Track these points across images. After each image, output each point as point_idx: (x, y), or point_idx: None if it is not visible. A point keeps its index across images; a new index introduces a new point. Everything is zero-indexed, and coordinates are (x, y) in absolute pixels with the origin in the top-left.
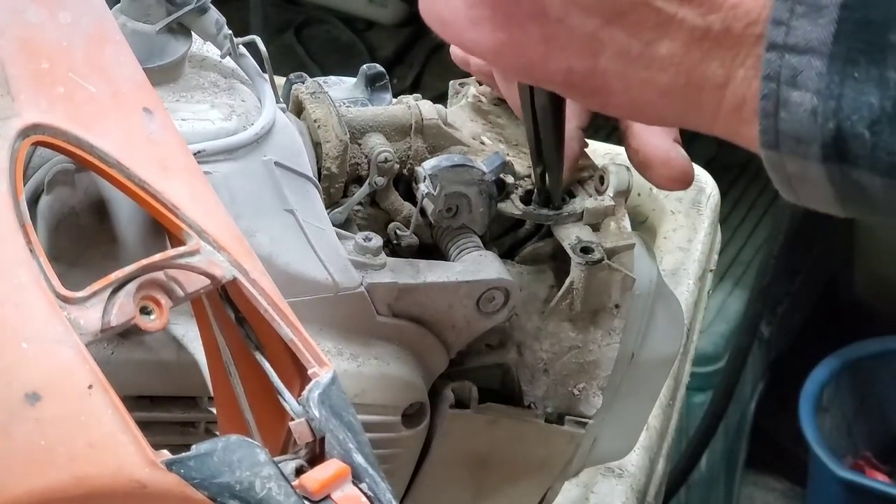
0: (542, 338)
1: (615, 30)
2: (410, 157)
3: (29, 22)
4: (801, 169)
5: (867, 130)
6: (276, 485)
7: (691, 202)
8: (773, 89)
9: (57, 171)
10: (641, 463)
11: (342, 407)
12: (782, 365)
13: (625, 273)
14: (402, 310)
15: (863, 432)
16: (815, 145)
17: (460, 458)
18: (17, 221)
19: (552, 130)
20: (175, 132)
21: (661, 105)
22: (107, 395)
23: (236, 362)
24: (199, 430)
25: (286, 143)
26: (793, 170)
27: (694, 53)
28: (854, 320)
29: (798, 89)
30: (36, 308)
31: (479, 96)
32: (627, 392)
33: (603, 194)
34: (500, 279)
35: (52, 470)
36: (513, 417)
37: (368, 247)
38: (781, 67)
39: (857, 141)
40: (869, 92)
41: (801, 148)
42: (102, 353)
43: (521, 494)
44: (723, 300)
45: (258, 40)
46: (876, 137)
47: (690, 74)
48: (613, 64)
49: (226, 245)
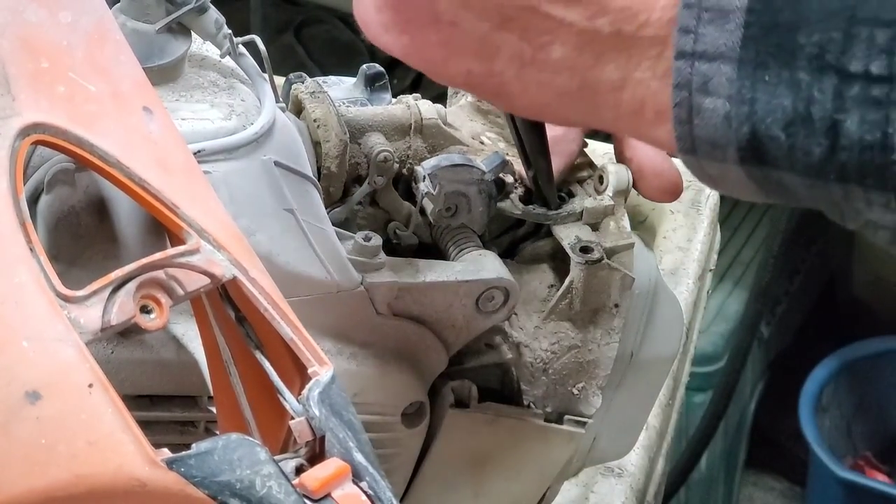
0: (541, 337)
1: (506, 34)
2: (410, 157)
3: (29, 21)
4: (721, 171)
5: (782, 133)
6: (276, 483)
7: (691, 202)
8: (686, 97)
9: (57, 170)
10: (641, 463)
11: (342, 406)
12: (782, 365)
13: (624, 272)
14: (401, 309)
15: (862, 432)
16: (731, 149)
17: (460, 457)
18: (17, 220)
19: (532, 133)
20: (175, 131)
21: (560, 106)
22: (107, 394)
23: (236, 361)
24: (199, 429)
25: (286, 142)
26: (712, 172)
27: (586, 56)
28: (853, 320)
29: (710, 96)
30: (36, 307)
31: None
32: (627, 392)
33: (602, 194)
34: (499, 278)
35: (52, 468)
36: (512, 417)
37: (368, 246)
38: (692, 75)
39: (774, 143)
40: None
41: (717, 152)
42: (102, 352)
43: (521, 494)
44: (723, 300)
45: (258, 40)
46: (792, 139)
47: (585, 77)
48: (509, 67)
49: (226, 244)
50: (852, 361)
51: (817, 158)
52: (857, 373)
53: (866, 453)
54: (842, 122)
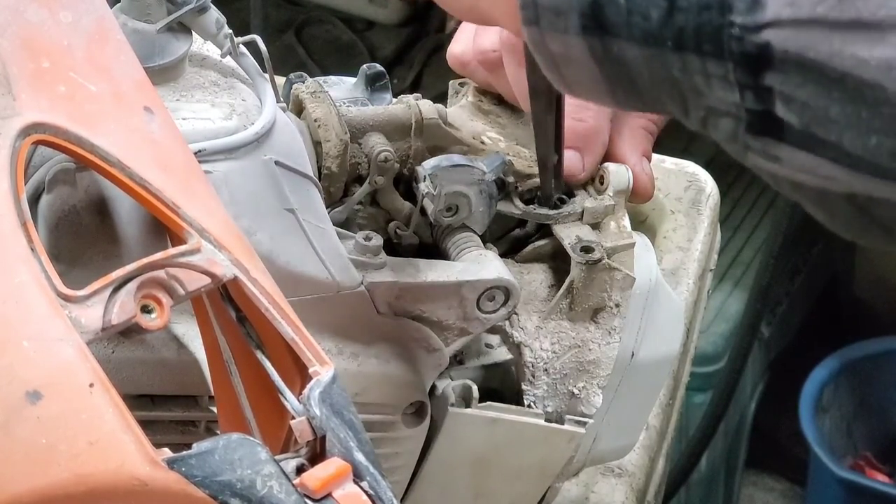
0: (542, 337)
1: None
2: (411, 157)
3: (30, 21)
4: (564, 46)
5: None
6: (277, 483)
7: (691, 202)
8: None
9: (58, 170)
10: (641, 462)
11: (343, 405)
12: (782, 365)
13: (625, 272)
14: (402, 309)
15: (862, 432)
16: (573, 15)
17: (460, 457)
18: (18, 220)
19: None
20: (176, 131)
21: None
22: (108, 394)
23: (237, 361)
24: (199, 429)
25: (286, 142)
26: (555, 48)
27: None
28: (854, 320)
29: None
30: (37, 307)
31: (479, 96)
32: (627, 391)
33: (603, 194)
34: (500, 278)
35: (53, 468)
36: (513, 417)
37: (369, 246)
38: None
39: (612, 7)
40: None
41: (560, 21)
42: (103, 352)
43: (521, 494)
44: (723, 300)
45: (258, 40)
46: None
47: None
48: None
49: (226, 244)
50: (853, 362)
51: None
52: (858, 373)
53: (866, 453)
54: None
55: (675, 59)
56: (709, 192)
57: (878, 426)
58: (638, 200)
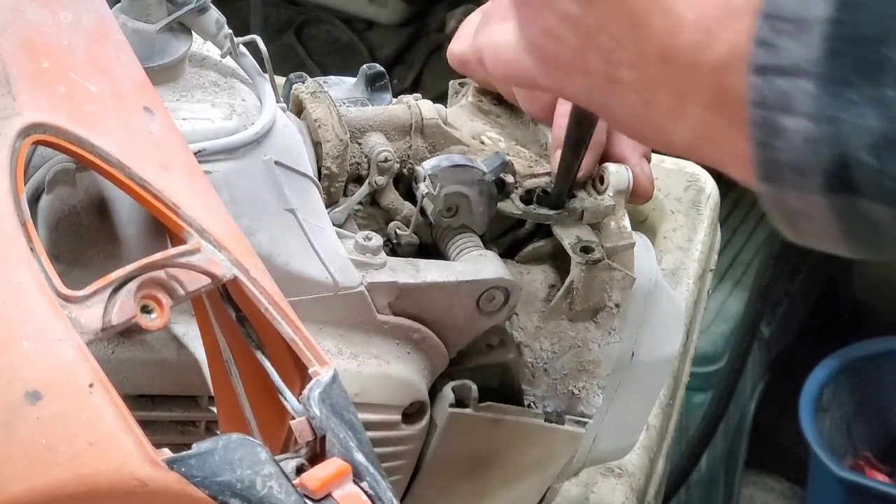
0: (542, 337)
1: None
2: (410, 157)
3: (30, 21)
4: (804, 203)
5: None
6: (276, 483)
7: (691, 202)
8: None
9: (58, 170)
10: (641, 462)
11: (343, 406)
12: (782, 365)
13: (625, 272)
14: (402, 309)
15: (862, 432)
16: (815, 175)
17: (460, 457)
18: (18, 220)
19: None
20: (176, 131)
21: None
22: (108, 394)
23: (237, 361)
24: (199, 429)
25: (286, 142)
26: (794, 204)
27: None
28: (854, 320)
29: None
30: (37, 307)
31: (479, 96)
32: (627, 391)
33: (602, 194)
34: (500, 279)
35: (53, 468)
36: (513, 417)
37: (368, 246)
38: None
39: (862, 168)
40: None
41: (800, 179)
42: (103, 352)
43: (521, 494)
44: (723, 300)
45: (258, 40)
46: (881, 164)
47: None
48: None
49: (226, 244)
50: (853, 362)
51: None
52: (858, 373)
53: (866, 453)
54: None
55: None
56: (709, 192)
57: (878, 426)
58: (638, 201)
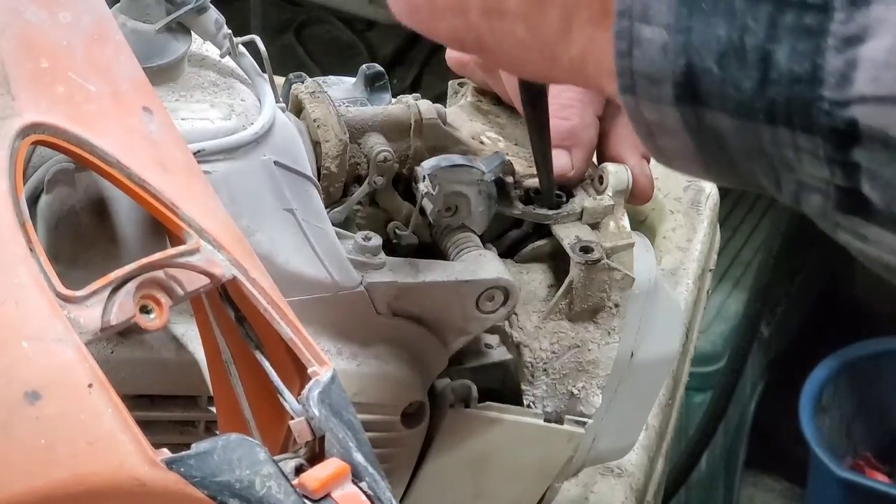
0: (541, 337)
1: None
2: (410, 157)
3: (29, 21)
4: (658, 115)
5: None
6: (275, 483)
7: (690, 202)
8: (627, 27)
9: (57, 170)
10: (641, 462)
11: (342, 406)
12: (782, 365)
13: (624, 272)
14: (401, 309)
15: (862, 432)
16: (667, 85)
17: (460, 457)
18: (17, 220)
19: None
20: (175, 131)
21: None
22: (107, 394)
23: (236, 361)
24: (198, 429)
25: (286, 142)
26: (650, 116)
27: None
28: (854, 320)
29: (650, 24)
30: (36, 307)
31: (478, 96)
32: (627, 391)
33: (602, 193)
34: (499, 278)
35: (52, 468)
36: (512, 417)
37: (368, 246)
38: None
39: (707, 77)
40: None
41: (655, 90)
42: (102, 352)
43: (521, 494)
44: (723, 300)
45: (258, 40)
46: (724, 72)
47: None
48: (482, 20)
49: (225, 244)
50: (852, 362)
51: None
52: (858, 373)
53: (866, 453)
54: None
55: (767, 131)
56: (708, 192)
57: (878, 426)
58: (637, 202)
